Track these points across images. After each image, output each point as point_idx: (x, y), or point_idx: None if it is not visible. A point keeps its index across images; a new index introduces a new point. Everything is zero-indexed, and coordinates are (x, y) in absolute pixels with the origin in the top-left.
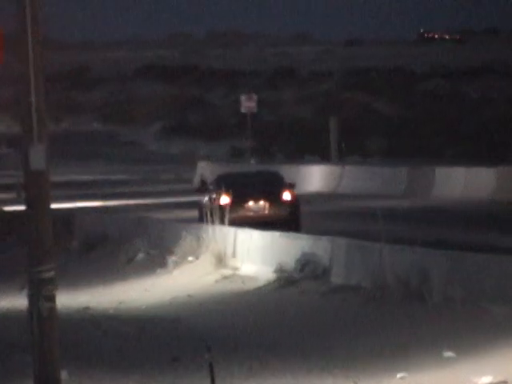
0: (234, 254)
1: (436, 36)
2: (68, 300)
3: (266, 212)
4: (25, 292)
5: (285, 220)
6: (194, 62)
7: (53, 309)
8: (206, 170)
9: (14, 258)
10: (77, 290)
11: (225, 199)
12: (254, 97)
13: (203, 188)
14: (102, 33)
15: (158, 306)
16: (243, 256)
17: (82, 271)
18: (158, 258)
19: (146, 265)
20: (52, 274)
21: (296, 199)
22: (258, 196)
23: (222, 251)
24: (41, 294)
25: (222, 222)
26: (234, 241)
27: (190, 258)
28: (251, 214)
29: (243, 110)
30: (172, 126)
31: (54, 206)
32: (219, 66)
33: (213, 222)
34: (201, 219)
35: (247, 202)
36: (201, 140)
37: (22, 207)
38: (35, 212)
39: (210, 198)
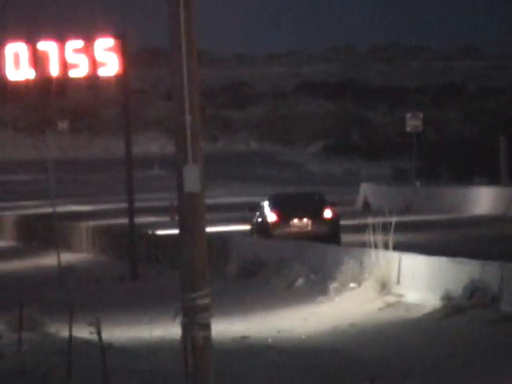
0: (398, 280)
1: None
2: (224, 328)
3: (309, 228)
4: (178, 320)
5: (326, 235)
6: (355, 77)
7: (208, 338)
8: (368, 191)
9: (168, 284)
10: (233, 317)
11: (272, 217)
12: (420, 115)
13: (366, 210)
14: (258, 46)
15: (318, 336)
16: (408, 282)
17: (239, 298)
18: (318, 284)
19: (305, 291)
20: (207, 300)
21: (336, 216)
22: (301, 214)
23: (385, 277)
24: (195, 322)
25: (269, 237)
26: (399, 266)
27: (352, 285)
28: (295, 230)
29: (408, 128)
30: (332, 145)
31: (208, 229)
32: (381, 81)
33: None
34: (251, 234)
35: (292, 219)
36: (363, 160)
37: (175, 231)
38: (189, 236)
39: (261, 216)
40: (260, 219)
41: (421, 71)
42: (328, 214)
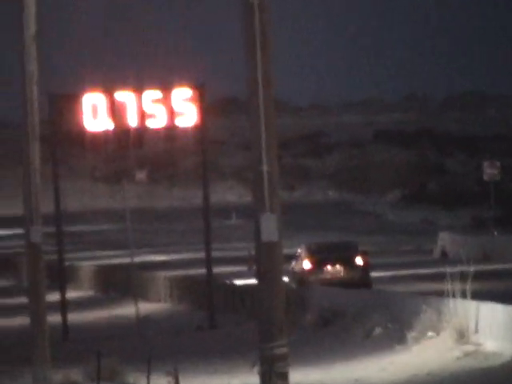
0: (476, 329)
1: None
2: (301, 377)
3: (342, 274)
4: (256, 369)
5: (357, 281)
6: (432, 125)
7: None
8: (446, 241)
9: (245, 334)
10: (310, 366)
11: (307, 264)
12: (497, 164)
13: (444, 259)
14: (334, 95)
15: None
16: (486, 331)
17: (316, 347)
18: (396, 332)
19: (383, 340)
20: (284, 350)
21: (367, 263)
22: (334, 261)
23: (463, 326)
24: (273, 371)
25: (303, 284)
26: (477, 315)
27: (430, 334)
28: (329, 276)
29: (485, 177)
30: (410, 194)
31: (285, 279)
32: (458, 130)
33: (295, 284)
34: (290, 281)
35: (326, 266)
36: (440, 209)
37: (253, 280)
38: (267, 285)
39: (298, 263)
40: (297, 267)
41: (498, 119)
42: (359, 261)
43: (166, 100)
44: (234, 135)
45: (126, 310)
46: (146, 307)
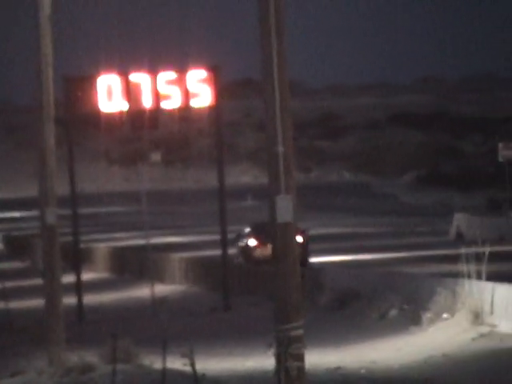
0: (491, 311)
1: None
2: (317, 359)
3: None
4: (272, 351)
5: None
6: (447, 108)
7: (301, 368)
8: (462, 222)
9: (260, 315)
10: (326, 348)
11: (252, 241)
12: None
13: (459, 240)
14: (349, 77)
15: (411, 366)
16: (501, 312)
17: (332, 328)
18: (411, 314)
19: (398, 322)
20: (300, 331)
21: (306, 241)
22: None
23: (478, 307)
24: (289, 352)
25: (248, 259)
26: (492, 296)
27: (445, 315)
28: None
29: (500, 158)
30: (425, 175)
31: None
32: (473, 112)
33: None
34: (237, 258)
35: (268, 243)
36: (455, 190)
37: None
38: (282, 266)
39: (245, 241)
40: (243, 244)
41: None
42: (299, 239)
43: (180, 81)
44: (249, 116)
45: (141, 291)
46: (161, 289)
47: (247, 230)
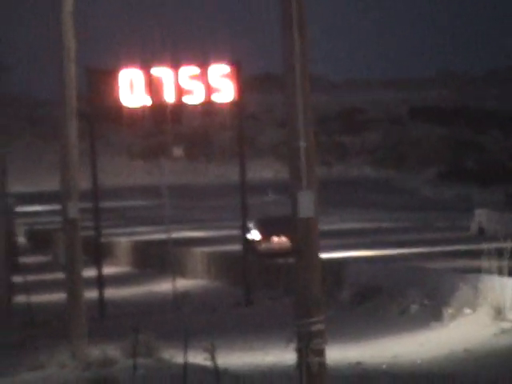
0: None
1: None
2: (338, 354)
3: (287, 245)
4: (292, 346)
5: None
6: (470, 102)
7: (322, 364)
8: (483, 217)
9: (281, 310)
10: (347, 343)
11: (257, 235)
12: None
13: (481, 236)
14: (371, 71)
15: (433, 361)
16: None
17: (353, 323)
18: (432, 309)
19: (419, 317)
20: (321, 326)
21: None
22: (280, 233)
23: (500, 303)
24: (309, 347)
25: (254, 252)
26: None
27: (467, 310)
28: (276, 246)
29: None
30: (446, 170)
31: (322, 255)
32: (495, 106)
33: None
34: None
35: (273, 237)
36: (476, 185)
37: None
38: (303, 261)
39: (250, 235)
40: (248, 238)
41: None
42: None
43: (202, 76)
44: (270, 111)
45: (163, 286)
46: (182, 283)
47: (251, 224)
